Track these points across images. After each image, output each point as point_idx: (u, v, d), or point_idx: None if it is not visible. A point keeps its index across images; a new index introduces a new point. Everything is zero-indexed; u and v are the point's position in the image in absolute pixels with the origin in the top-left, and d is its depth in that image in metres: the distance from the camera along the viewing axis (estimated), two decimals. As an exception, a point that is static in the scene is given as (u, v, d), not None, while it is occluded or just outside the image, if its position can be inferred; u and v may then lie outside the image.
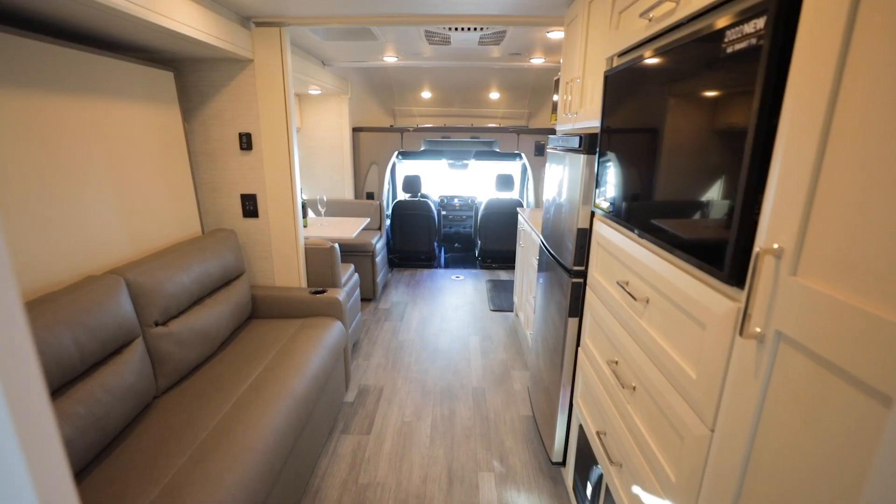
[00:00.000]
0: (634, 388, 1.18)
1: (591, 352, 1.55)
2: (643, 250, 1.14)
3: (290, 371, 1.92)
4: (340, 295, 2.54)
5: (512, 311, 3.98)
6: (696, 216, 0.89)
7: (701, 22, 0.92)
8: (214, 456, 1.41)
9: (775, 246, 0.66)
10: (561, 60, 2.42)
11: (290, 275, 2.63)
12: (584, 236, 1.62)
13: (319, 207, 3.67)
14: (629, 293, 1.18)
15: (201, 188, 2.51)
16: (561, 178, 1.93)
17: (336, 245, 2.69)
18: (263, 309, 2.52)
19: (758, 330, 0.69)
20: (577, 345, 1.76)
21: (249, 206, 2.52)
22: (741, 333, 0.70)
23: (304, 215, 3.46)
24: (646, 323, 1.12)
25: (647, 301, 1.11)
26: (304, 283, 2.66)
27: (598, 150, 1.47)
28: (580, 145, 1.58)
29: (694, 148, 0.92)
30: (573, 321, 1.74)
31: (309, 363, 2.02)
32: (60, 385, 1.31)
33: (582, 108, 1.72)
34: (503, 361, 3.12)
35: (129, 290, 1.63)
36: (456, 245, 6.09)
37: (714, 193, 0.84)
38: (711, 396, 0.82)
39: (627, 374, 1.23)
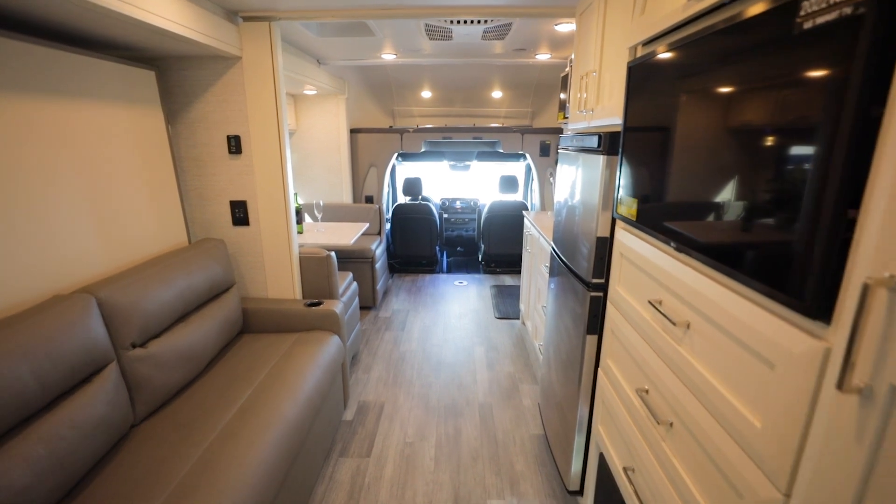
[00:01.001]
0: (671, 425, 1.02)
1: (615, 375, 1.39)
2: (682, 267, 0.98)
3: (282, 393, 1.76)
4: (337, 307, 2.38)
5: (518, 318, 3.82)
6: (759, 230, 0.73)
7: (759, -5, 0.76)
8: (195, 495, 1.26)
9: (888, 275, 0.51)
10: (571, 56, 2.27)
11: (283, 286, 2.48)
12: (604, 246, 1.47)
13: (316, 213, 3.52)
14: (664, 315, 1.02)
15: (188, 195, 2.36)
16: (574, 180, 1.77)
17: (332, 254, 2.54)
18: (255, 323, 2.36)
19: (863, 384, 0.53)
20: (596, 364, 1.61)
21: (239, 213, 2.37)
22: (840, 386, 0.55)
23: (300, 221, 3.31)
24: (686, 351, 0.96)
25: (688, 326, 0.95)
26: (298, 295, 2.51)
27: (620, 150, 1.31)
28: (599, 145, 1.43)
29: (749, 146, 0.76)
30: (591, 339, 1.58)
31: (303, 384, 1.86)
32: (16, 423, 1.16)
33: (599, 105, 1.57)
34: (510, 374, 2.96)
35: (101, 309, 1.48)
36: (458, 249, 5.93)
37: (782, 201, 0.68)
38: (785, 455, 0.66)
39: (662, 407, 1.07)
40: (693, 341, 0.94)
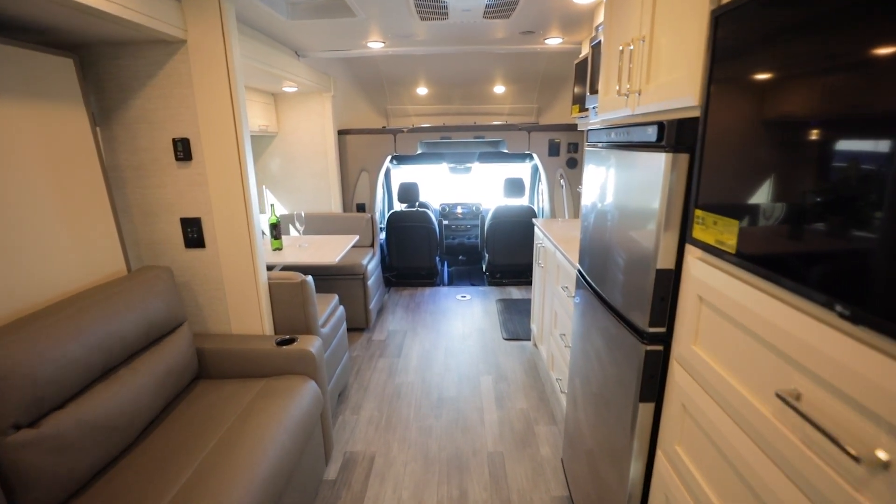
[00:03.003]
0: None
1: (692, 477, 0.95)
2: (866, 353, 0.54)
3: (233, 473, 1.33)
4: (314, 345, 1.95)
5: (529, 339, 3.39)
6: None
7: None
8: None
9: None
10: (593, 36, 1.85)
11: (249, 320, 2.05)
12: (669, 282, 1.03)
13: (297, 225, 3.09)
14: (827, 434, 0.59)
15: (129, 212, 1.93)
16: (610, 187, 1.34)
17: (308, 279, 2.11)
18: (215, 366, 1.93)
19: None
20: (653, 440, 1.17)
21: (192, 233, 1.95)
22: None
23: (278, 237, 2.89)
24: (879, 508, 0.52)
25: (886, 465, 0.52)
26: (268, 329, 2.08)
27: (699, 143, 0.88)
28: (660, 138, 1.00)
29: None
30: (646, 407, 1.14)
31: (263, 457, 1.43)
32: None
33: (651, 83, 1.14)
34: (523, 412, 2.52)
35: (-43, 385, 1.05)
36: (460, 258, 5.50)
37: None
38: None
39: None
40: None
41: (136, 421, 1.47)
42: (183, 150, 1.84)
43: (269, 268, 2.86)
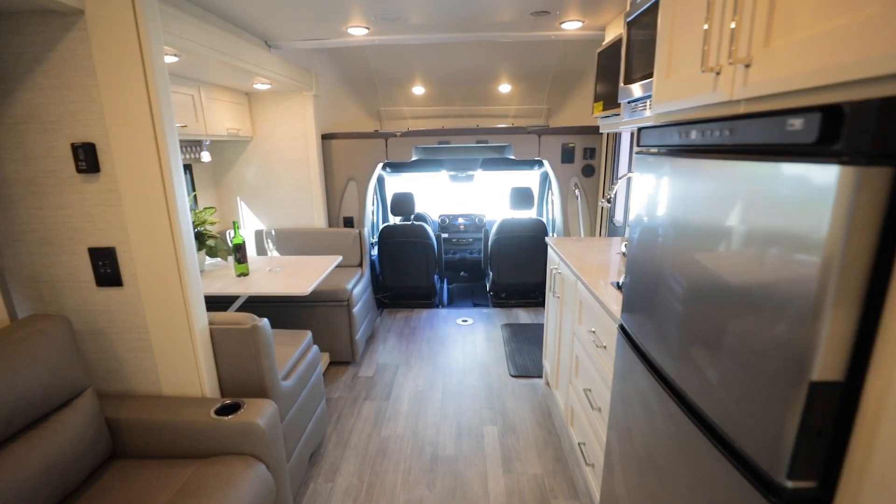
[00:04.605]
0: None
1: None
2: None
3: None
4: (263, 416, 1.48)
5: (541, 376, 2.90)
6: None
7: None
8: None
9: None
10: (630, 13, 1.39)
11: (184, 377, 1.58)
12: (833, 405, 0.55)
13: (269, 245, 2.63)
14: None
15: (22, 241, 1.47)
16: (682, 213, 0.87)
17: (263, 322, 1.64)
18: (135, 441, 1.46)
19: None
20: None
21: (105, 267, 1.48)
22: None
23: (242, 261, 2.42)
24: None
25: None
26: (209, 389, 1.61)
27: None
28: (829, 137, 0.52)
29: None
30: None
31: None
32: None
33: (776, 43, 0.66)
34: (537, 479, 2.03)
35: None
36: (462, 274, 5.02)
37: None
38: None
39: None
40: None
41: (-27, 559, 1.00)
42: (86, 158, 1.38)
43: (230, 300, 2.40)
